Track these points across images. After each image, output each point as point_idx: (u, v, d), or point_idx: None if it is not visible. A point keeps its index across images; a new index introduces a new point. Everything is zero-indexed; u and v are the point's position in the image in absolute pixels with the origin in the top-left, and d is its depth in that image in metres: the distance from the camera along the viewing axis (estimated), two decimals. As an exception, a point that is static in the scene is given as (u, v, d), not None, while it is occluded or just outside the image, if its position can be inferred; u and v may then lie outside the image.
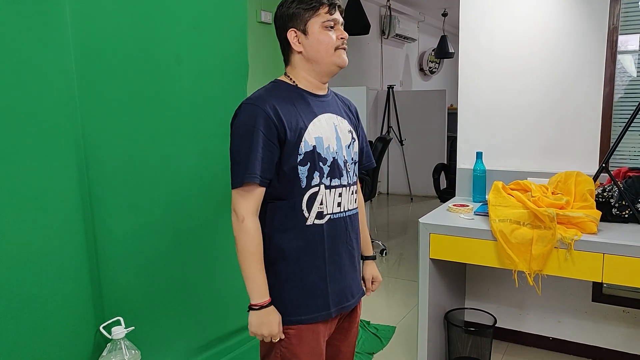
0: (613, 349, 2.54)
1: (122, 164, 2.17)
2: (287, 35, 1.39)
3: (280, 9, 1.42)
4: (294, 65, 1.43)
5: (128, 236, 2.22)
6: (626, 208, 2.10)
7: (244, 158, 1.32)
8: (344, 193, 1.48)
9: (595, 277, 1.91)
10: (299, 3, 1.38)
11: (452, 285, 2.61)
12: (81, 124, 1.99)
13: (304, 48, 1.39)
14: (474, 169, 2.59)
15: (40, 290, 1.88)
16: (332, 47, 1.39)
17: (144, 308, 2.31)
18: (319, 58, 1.40)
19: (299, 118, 1.38)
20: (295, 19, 1.38)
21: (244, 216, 1.35)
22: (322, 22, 1.38)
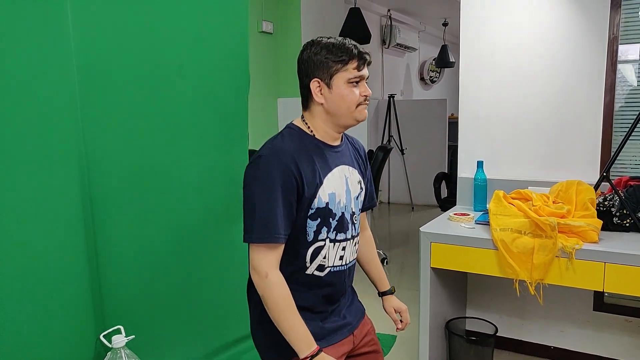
0: (616, 358, 2.52)
1: (124, 175, 2.18)
2: (310, 84, 1.35)
3: (306, 52, 1.35)
4: (312, 114, 1.39)
5: (129, 246, 2.23)
6: (627, 217, 2.10)
7: (266, 213, 1.26)
8: (348, 246, 1.47)
9: (597, 286, 1.91)
10: (328, 52, 1.32)
11: (453, 294, 2.60)
12: (83, 135, 2.00)
13: (326, 101, 1.35)
14: (475, 178, 2.59)
15: (41, 299, 1.88)
16: (354, 104, 1.35)
17: (145, 317, 2.31)
18: (339, 113, 1.36)
19: (316, 173, 1.34)
20: (321, 68, 1.32)
21: (267, 271, 1.28)
22: (348, 77, 1.32)
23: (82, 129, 1.99)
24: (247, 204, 1.31)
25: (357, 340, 1.55)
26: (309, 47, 1.36)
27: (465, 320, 2.67)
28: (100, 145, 2.08)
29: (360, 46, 1.35)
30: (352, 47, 1.32)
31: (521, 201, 2.20)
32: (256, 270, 1.29)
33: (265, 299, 1.28)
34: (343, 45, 1.32)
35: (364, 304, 1.64)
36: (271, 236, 1.26)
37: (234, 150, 2.78)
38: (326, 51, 1.31)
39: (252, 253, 1.29)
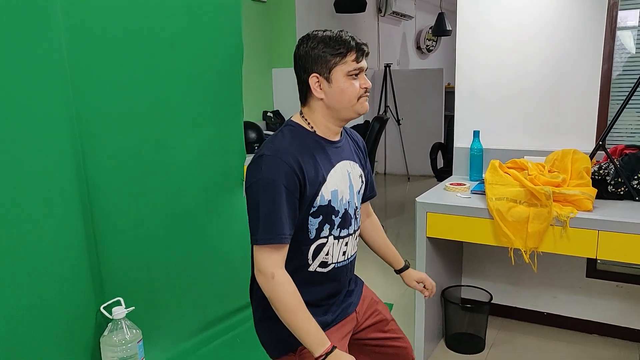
0: (606, 322, 2.58)
1: (117, 150, 2.17)
2: (309, 80, 1.31)
3: (303, 47, 1.32)
4: (312, 109, 1.36)
5: (126, 218, 2.24)
6: (622, 185, 2.12)
7: (270, 215, 1.24)
8: (350, 241, 1.47)
9: (590, 254, 1.93)
10: (325, 46, 1.28)
11: (449, 263, 2.63)
12: (76, 111, 1.98)
13: (326, 95, 1.32)
14: (471, 147, 2.60)
15: (40, 272, 1.90)
16: (355, 96, 1.33)
17: (144, 289, 2.34)
18: (340, 107, 1.33)
19: (318, 171, 1.33)
20: (319, 63, 1.29)
21: (272, 272, 1.25)
22: (347, 70, 1.30)
23: (74, 105, 1.98)
24: (251, 205, 1.27)
25: (360, 315, 1.57)
26: (304, 42, 1.32)
27: (461, 288, 2.71)
28: (93, 121, 2.06)
29: (357, 38, 1.32)
30: (349, 39, 1.30)
31: (517, 170, 2.21)
32: (262, 272, 1.26)
33: (273, 300, 1.26)
34: (340, 38, 1.29)
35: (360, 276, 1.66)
36: (276, 237, 1.24)
37: (228, 123, 2.77)
38: (323, 45, 1.28)
39: (257, 254, 1.26)
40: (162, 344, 2.36)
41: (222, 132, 2.70)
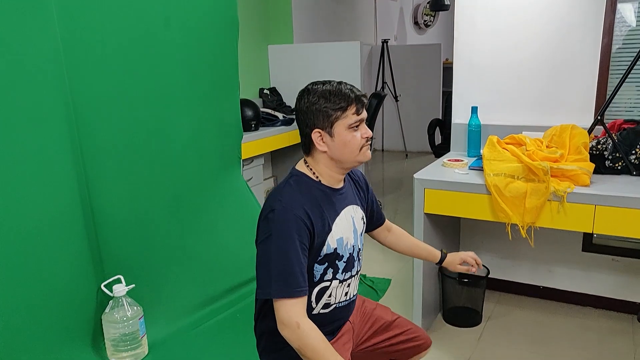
0: (602, 295, 2.61)
1: (113, 128, 2.16)
2: (312, 135, 1.33)
3: (303, 102, 1.33)
4: (316, 160, 1.38)
5: (123, 197, 2.24)
6: (619, 160, 2.12)
7: (284, 269, 1.25)
8: (352, 282, 1.49)
9: (587, 228, 1.95)
10: (326, 101, 1.30)
11: (446, 239, 2.65)
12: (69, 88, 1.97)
13: (329, 148, 1.34)
14: (469, 123, 2.59)
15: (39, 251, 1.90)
16: (357, 147, 1.35)
17: (144, 267, 2.35)
18: (343, 158, 1.35)
19: (325, 221, 1.35)
20: (321, 118, 1.31)
21: (297, 322, 1.24)
22: (349, 124, 1.31)
23: (68, 83, 1.96)
24: (263, 259, 1.28)
25: (356, 325, 1.58)
26: (305, 96, 1.33)
27: (458, 263, 2.73)
28: (88, 101, 2.05)
29: (356, 89, 1.34)
30: (348, 92, 1.31)
31: (515, 146, 2.21)
32: (285, 324, 1.25)
33: (302, 348, 1.25)
34: (340, 92, 1.30)
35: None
36: (292, 290, 1.25)
37: (225, 100, 2.76)
38: (324, 100, 1.30)
39: (278, 308, 1.26)
40: (163, 320, 2.39)
41: (218, 110, 2.69)
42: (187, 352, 2.26)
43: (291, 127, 4.31)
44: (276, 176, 5.19)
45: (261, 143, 3.94)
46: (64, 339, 2.00)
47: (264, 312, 1.43)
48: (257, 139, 3.87)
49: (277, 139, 4.16)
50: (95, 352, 2.13)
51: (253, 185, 3.90)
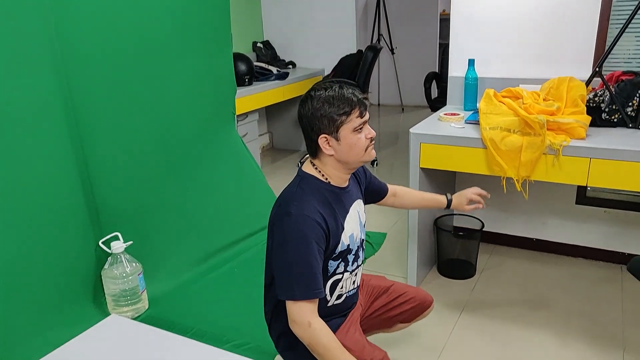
0: (592, 246, 2.66)
1: (105, 82, 2.13)
2: (318, 140, 1.35)
3: (307, 107, 1.35)
4: (323, 162, 1.40)
5: (118, 153, 2.23)
6: (616, 112, 2.11)
7: (305, 273, 1.29)
8: (359, 271, 1.56)
9: (581, 181, 1.96)
10: (330, 106, 1.32)
11: (441, 193, 2.66)
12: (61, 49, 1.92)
13: (335, 152, 1.36)
14: (466, 77, 2.56)
15: (36, 209, 1.91)
16: (363, 149, 1.38)
17: (141, 223, 2.37)
18: (350, 160, 1.38)
19: (338, 221, 1.39)
20: (326, 124, 1.33)
21: (309, 321, 1.30)
22: (354, 127, 1.34)
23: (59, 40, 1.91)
24: (284, 263, 1.31)
25: (363, 302, 1.65)
26: (308, 102, 1.35)
27: (453, 217, 2.76)
28: (79, 54, 2.01)
29: (358, 92, 1.36)
30: (351, 96, 1.34)
31: (512, 99, 2.19)
32: (297, 322, 1.30)
33: (313, 346, 1.30)
34: (343, 97, 1.33)
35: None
36: (312, 292, 1.30)
37: (217, 54, 2.70)
38: (328, 105, 1.32)
39: (292, 308, 1.30)
40: (162, 276, 2.43)
41: (211, 64, 2.64)
42: (187, 306, 2.31)
43: (286, 82, 4.25)
44: (271, 132, 5.17)
45: (255, 98, 3.90)
46: (65, 294, 2.04)
47: (277, 313, 1.46)
48: (251, 94, 3.82)
49: (272, 94, 4.11)
50: (97, 306, 2.18)
51: (248, 141, 3.88)
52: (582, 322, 2.19)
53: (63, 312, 2.00)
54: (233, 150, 2.88)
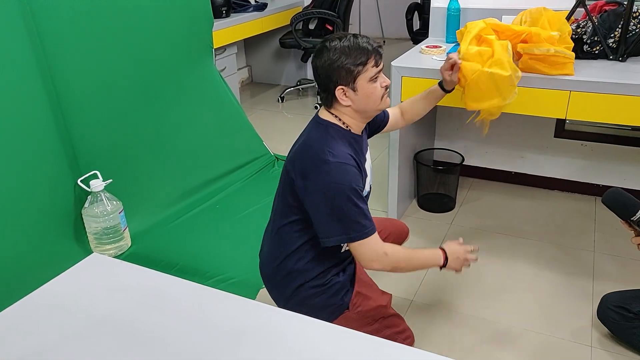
0: (569, 179, 2.72)
1: (76, 16, 2.02)
2: (335, 92, 1.34)
3: (323, 58, 1.33)
4: (341, 112, 1.39)
5: (93, 91, 2.16)
6: (597, 44, 2.09)
7: (359, 215, 1.31)
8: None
9: (560, 114, 1.97)
10: (347, 57, 1.30)
11: (422, 127, 2.67)
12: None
13: (353, 102, 1.36)
14: (448, 7, 2.49)
15: (10, 152, 1.87)
16: (379, 97, 1.38)
17: (121, 161, 2.34)
18: (367, 109, 1.39)
19: (362, 167, 1.41)
20: (343, 75, 1.32)
21: (383, 250, 1.36)
22: (370, 76, 1.34)
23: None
24: (335, 210, 1.30)
25: None
26: (325, 54, 1.33)
27: (433, 151, 2.78)
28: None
29: (372, 41, 1.35)
30: (366, 45, 1.33)
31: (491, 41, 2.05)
32: (373, 259, 1.35)
33: (398, 269, 1.40)
34: (358, 46, 1.32)
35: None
36: (372, 228, 1.34)
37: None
38: (345, 56, 1.31)
39: (363, 247, 1.33)
40: (144, 213, 2.43)
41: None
42: (170, 242, 2.33)
43: (264, 13, 4.10)
44: (250, 65, 5.03)
45: (233, 30, 3.77)
46: (44, 235, 2.03)
47: (299, 258, 1.43)
48: (229, 26, 3.69)
49: (250, 26, 3.97)
50: (79, 245, 2.18)
51: (227, 75, 3.78)
52: (555, 252, 2.27)
53: (44, 252, 2.00)
54: (211, 85, 2.81)
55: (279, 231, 1.46)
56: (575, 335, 1.82)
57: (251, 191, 2.76)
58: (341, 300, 1.45)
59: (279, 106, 4.28)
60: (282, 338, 0.93)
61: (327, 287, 1.44)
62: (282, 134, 3.63)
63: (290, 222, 1.42)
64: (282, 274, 1.46)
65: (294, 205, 1.39)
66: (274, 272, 1.48)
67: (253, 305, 1.03)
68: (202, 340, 0.92)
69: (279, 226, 1.45)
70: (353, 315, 1.46)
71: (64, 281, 1.09)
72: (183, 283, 1.08)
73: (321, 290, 1.44)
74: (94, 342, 0.92)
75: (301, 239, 1.42)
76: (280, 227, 1.45)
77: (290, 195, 1.39)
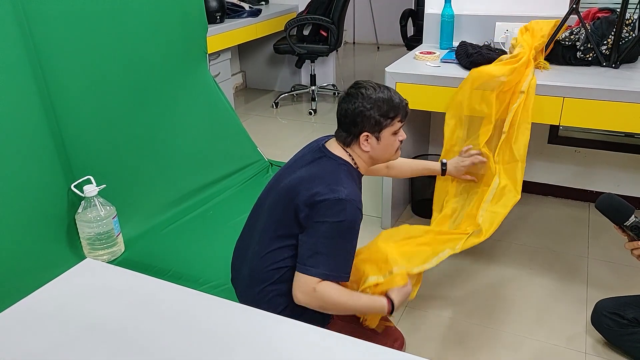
0: (562, 185, 2.73)
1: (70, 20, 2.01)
2: (360, 136, 1.40)
3: (357, 105, 1.38)
4: (356, 153, 1.45)
5: (86, 96, 2.15)
6: (590, 51, 2.11)
7: (346, 257, 1.34)
8: None
9: (554, 121, 1.98)
10: (379, 109, 1.37)
11: (417, 133, 2.67)
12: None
13: (372, 149, 1.43)
14: (442, 14, 2.50)
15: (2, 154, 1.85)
16: (395, 149, 1.48)
17: (114, 166, 2.33)
18: (381, 158, 1.47)
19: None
20: (372, 125, 1.38)
21: (312, 287, 1.31)
22: (394, 130, 1.42)
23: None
24: (325, 242, 1.31)
25: None
26: (357, 99, 1.38)
27: (428, 157, 2.78)
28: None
29: (402, 97, 1.43)
30: (398, 102, 1.41)
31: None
32: (303, 291, 1.32)
33: (324, 308, 1.34)
34: (392, 101, 1.39)
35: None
36: (343, 276, 1.34)
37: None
38: (377, 108, 1.37)
39: (304, 280, 1.31)
40: (138, 219, 2.41)
41: (180, 1, 2.52)
42: (164, 248, 2.31)
43: (258, 19, 4.10)
44: (244, 71, 5.04)
45: (227, 36, 3.77)
46: (38, 240, 2.01)
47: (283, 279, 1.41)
48: (223, 32, 3.69)
49: (244, 32, 3.98)
50: (72, 251, 2.16)
51: (221, 81, 3.78)
52: (549, 258, 2.28)
53: (37, 257, 1.98)
54: (205, 91, 2.80)
55: (267, 255, 1.41)
56: (569, 342, 1.82)
57: (245, 197, 2.75)
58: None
59: (273, 112, 4.28)
60: (274, 343, 0.92)
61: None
62: (277, 140, 3.63)
63: (285, 247, 1.39)
64: (270, 296, 1.42)
65: (294, 232, 1.36)
66: (260, 294, 1.43)
67: (246, 311, 1.02)
68: (194, 345, 0.92)
69: (268, 250, 1.41)
70: (341, 322, 1.46)
71: (57, 286, 1.08)
72: (176, 288, 1.07)
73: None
74: (87, 348, 0.91)
75: (291, 262, 1.39)
76: (270, 251, 1.40)
77: (293, 221, 1.36)
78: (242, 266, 1.51)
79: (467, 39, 2.42)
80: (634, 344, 1.69)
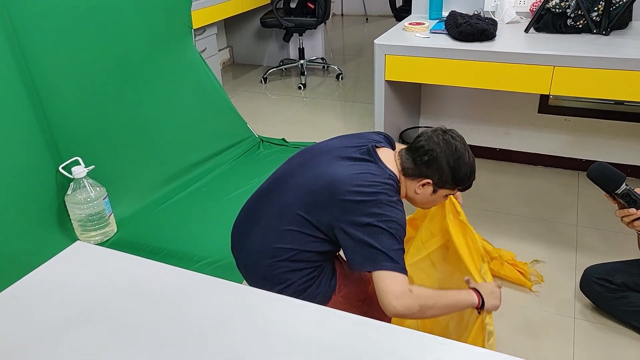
0: (553, 154, 2.75)
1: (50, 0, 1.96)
2: (422, 180, 1.40)
3: (442, 154, 1.37)
4: (406, 186, 1.44)
5: (69, 75, 2.11)
6: (581, 18, 2.09)
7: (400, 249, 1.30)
8: None
9: (544, 90, 1.97)
10: (454, 173, 1.38)
11: (407, 105, 2.66)
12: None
13: (421, 195, 1.43)
14: (431, -17, 2.46)
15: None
16: (435, 205, 1.55)
17: (102, 146, 2.30)
18: (417, 204, 1.50)
19: None
20: (442, 179, 1.38)
21: (409, 288, 1.25)
22: (449, 193, 1.45)
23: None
24: (386, 235, 1.28)
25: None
26: (451, 153, 1.38)
27: (419, 129, 2.78)
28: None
29: (475, 173, 1.43)
30: (470, 177, 1.42)
31: None
32: (396, 295, 1.24)
33: (423, 312, 1.28)
34: (468, 174, 1.41)
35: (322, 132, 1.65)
36: (404, 269, 1.29)
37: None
38: (454, 173, 1.38)
39: (387, 281, 1.25)
40: (129, 198, 2.40)
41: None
42: (156, 227, 2.31)
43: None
44: (231, 46, 4.96)
45: (212, 10, 3.69)
46: (28, 222, 2.00)
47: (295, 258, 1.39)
48: (208, 6, 3.61)
49: (231, 5, 3.90)
50: (64, 232, 2.15)
51: (207, 56, 3.72)
52: (539, 226, 2.30)
53: (27, 241, 1.97)
54: (192, 67, 2.76)
55: (286, 232, 1.38)
56: (558, 308, 1.85)
57: (237, 174, 2.74)
58: (328, 285, 1.45)
59: (262, 87, 4.24)
60: (271, 321, 0.93)
61: (318, 277, 1.43)
62: (266, 115, 3.60)
63: (308, 233, 1.36)
64: (278, 272, 1.40)
65: (323, 222, 1.34)
66: (269, 268, 1.41)
67: (241, 289, 1.02)
68: (189, 326, 0.92)
69: (289, 227, 1.37)
70: (340, 299, 1.47)
71: (48, 270, 1.08)
72: (169, 269, 1.07)
73: (313, 282, 1.42)
74: (79, 330, 0.91)
75: (310, 247, 1.38)
76: (291, 230, 1.37)
77: (328, 213, 1.32)
78: (251, 233, 1.46)
79: (456, 8, 2.39)
80: (622, 307, 1.73)
